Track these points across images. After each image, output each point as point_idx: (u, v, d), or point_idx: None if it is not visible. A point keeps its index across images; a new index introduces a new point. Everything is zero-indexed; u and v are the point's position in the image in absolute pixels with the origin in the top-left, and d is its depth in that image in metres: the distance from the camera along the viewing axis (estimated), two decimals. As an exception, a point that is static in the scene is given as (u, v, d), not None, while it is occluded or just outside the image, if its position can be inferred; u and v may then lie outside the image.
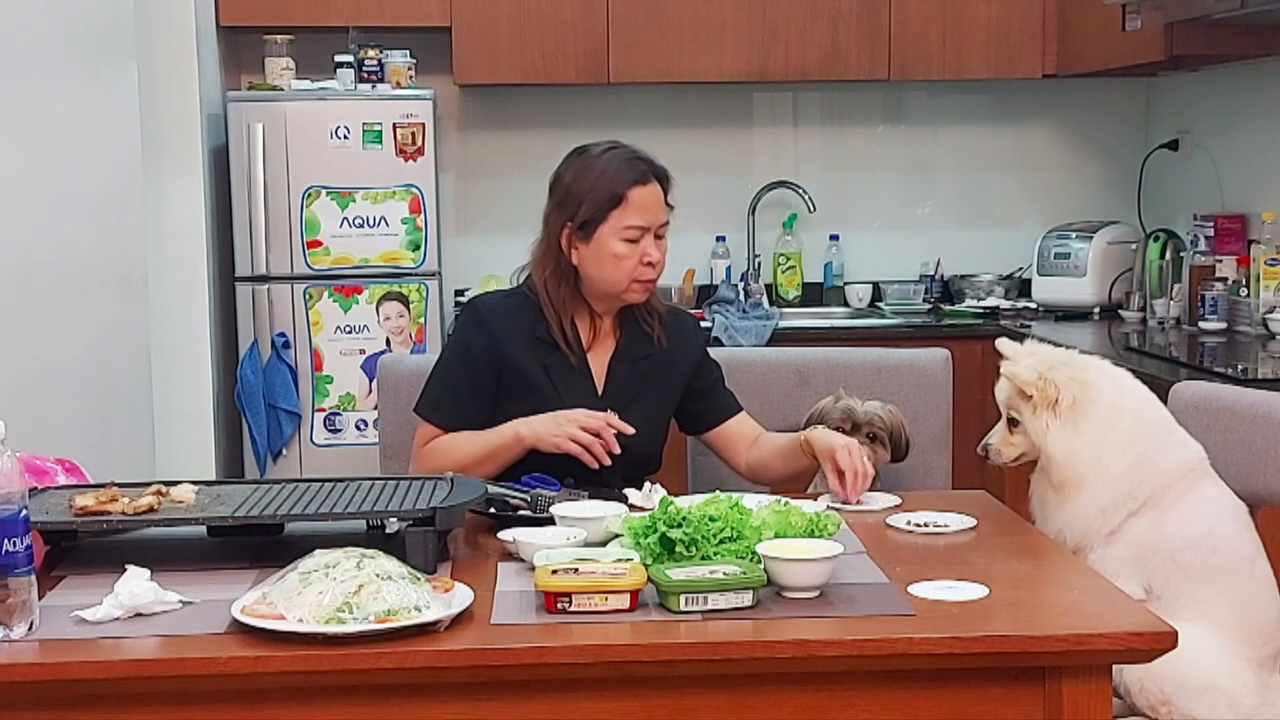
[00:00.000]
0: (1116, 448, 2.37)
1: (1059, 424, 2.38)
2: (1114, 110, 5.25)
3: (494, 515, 2.31)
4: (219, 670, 1.72)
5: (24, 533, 1.76)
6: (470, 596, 1.86)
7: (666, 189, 2.71)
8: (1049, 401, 2.39)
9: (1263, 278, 4.17)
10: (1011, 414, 2.47)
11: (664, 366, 2.77)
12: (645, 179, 2.67)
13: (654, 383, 2.76)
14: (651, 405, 2.75)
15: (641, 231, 2.65)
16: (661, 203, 2.69)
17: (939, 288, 5.14)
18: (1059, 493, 2.40)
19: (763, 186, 5.16)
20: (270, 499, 2.18)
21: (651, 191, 2.67)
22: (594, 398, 2.69)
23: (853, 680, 1.80)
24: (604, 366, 2.74)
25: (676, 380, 2.79)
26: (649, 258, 2.66)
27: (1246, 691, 2.29)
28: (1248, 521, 2.42)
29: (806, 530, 2.04)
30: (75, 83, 3.53)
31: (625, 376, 2.73)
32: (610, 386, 2.72)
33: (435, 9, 4.75)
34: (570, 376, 2.69)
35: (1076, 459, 2.37)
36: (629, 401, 2.70)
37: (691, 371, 2.81)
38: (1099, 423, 2.38)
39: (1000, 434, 2.51)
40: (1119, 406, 2.41)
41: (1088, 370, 2.44)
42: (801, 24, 4.80)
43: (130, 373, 3.89)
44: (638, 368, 2.75)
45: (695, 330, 2.90)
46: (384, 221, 4.59)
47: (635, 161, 2.69)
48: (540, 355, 2.69)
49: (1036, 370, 2.41)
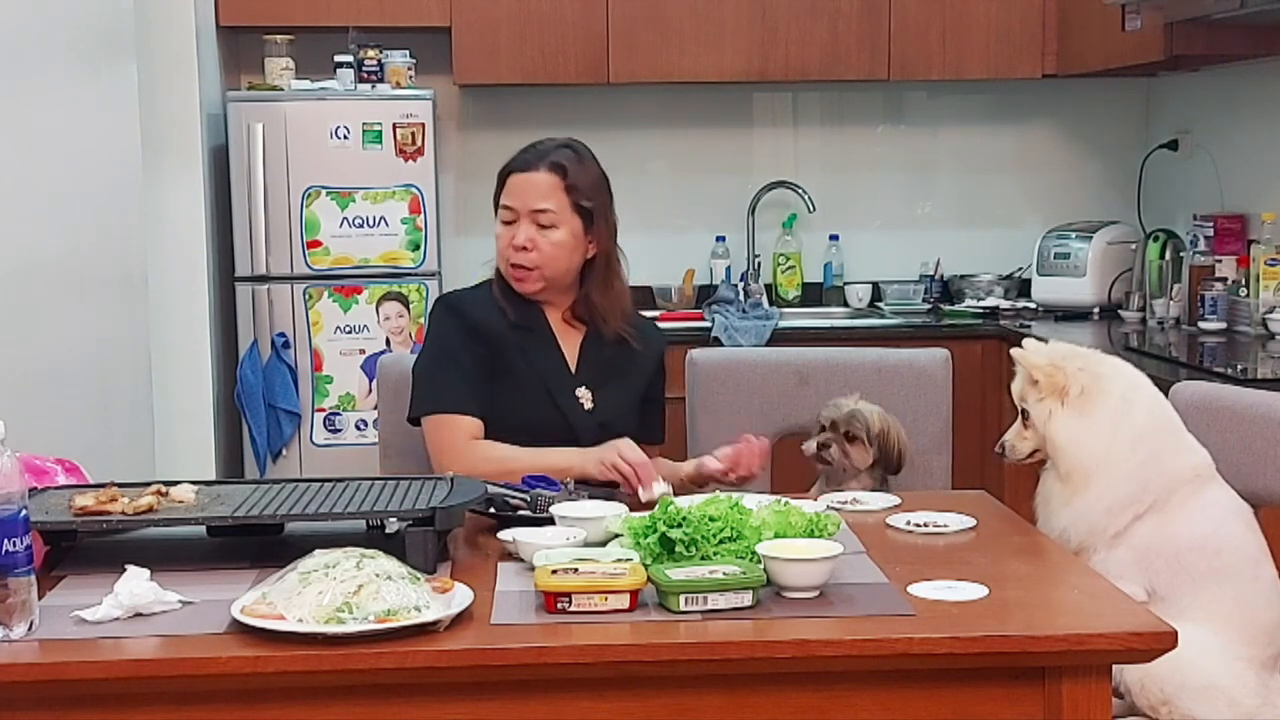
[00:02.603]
0: (1126, 443, 2.37)
1: (1065, 412, 2.39)
2: (1114, 110, 5.25)
3: (494, 515, 2.31)
4: (219, 670, 1.72)
5: (24, 533, 1.76)
6: (470, 596, 1.86)
7: (566, 181, 2.69)
8: (1056, 389, 2.40)
9: (1262, 278, 4.17)
10: (1023, 406, 2.47)
11: (633, 357, 2.81)
12: (528, 166, 2.70)
13: (625, 372, 2.80)
14: (622, 390, 2.78)
15: (513, 214, 2.69)
16: (541, 191, 2.68)
17: (939, 288, 5.14)
18: (1066, 484, 2.40)
19: (762, 186, 5.16)
20: (270, 499, 2.18)
21: (531, 178, 2.69)
22: (567, 375, 2.74)
23: (853, 680, 1.80)
24: (575, 348, 2.77)
25: (644, 374, 2.83)
26: (516, 241, 2.67)
27: (1247, 692, 2.29)
28: (1253, 524, 2.42)
29: (806, 530, 2.04)
30: (75, 83, 3.53)
31: (598, 359, 2.77)
32: (583, 365, 2.76)
33: (435, 9, 4.75)
34: (542, 355, 2.73)
35: (1082, 448, 2.37)
36: (602, 382, 2.75)
37: (654, 369, 2.86)
38: (1109, 414, 2.38)
39: (1015, 430, 2.51)
40: (1132, 401, 2.41)
41: (1102, 364, 2.45)
42: (801, 24, 4.80)
43: (130, 373, 3.89)
44: (611, 353, 2.78)
45: (657, 334, 2.95)
46: (384, 221, 4.59)
47: (533, 147, 2.74)
48: (512, 337, 2.72)
49: (1048, 358, 2.42)
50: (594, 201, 2.72)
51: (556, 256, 2.69)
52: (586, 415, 2.73)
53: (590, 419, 2.73)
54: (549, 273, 2.71)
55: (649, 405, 2.85)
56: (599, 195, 2.74)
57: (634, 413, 2.80)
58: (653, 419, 2.86)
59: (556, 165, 2.70)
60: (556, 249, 2.69)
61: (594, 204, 2.71)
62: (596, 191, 2.73)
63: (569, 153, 2.73)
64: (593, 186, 2.73)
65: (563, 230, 2.69)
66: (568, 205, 2.69)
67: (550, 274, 2.71)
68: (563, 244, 2.69)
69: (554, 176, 2.69)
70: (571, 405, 2.73)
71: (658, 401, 2.88)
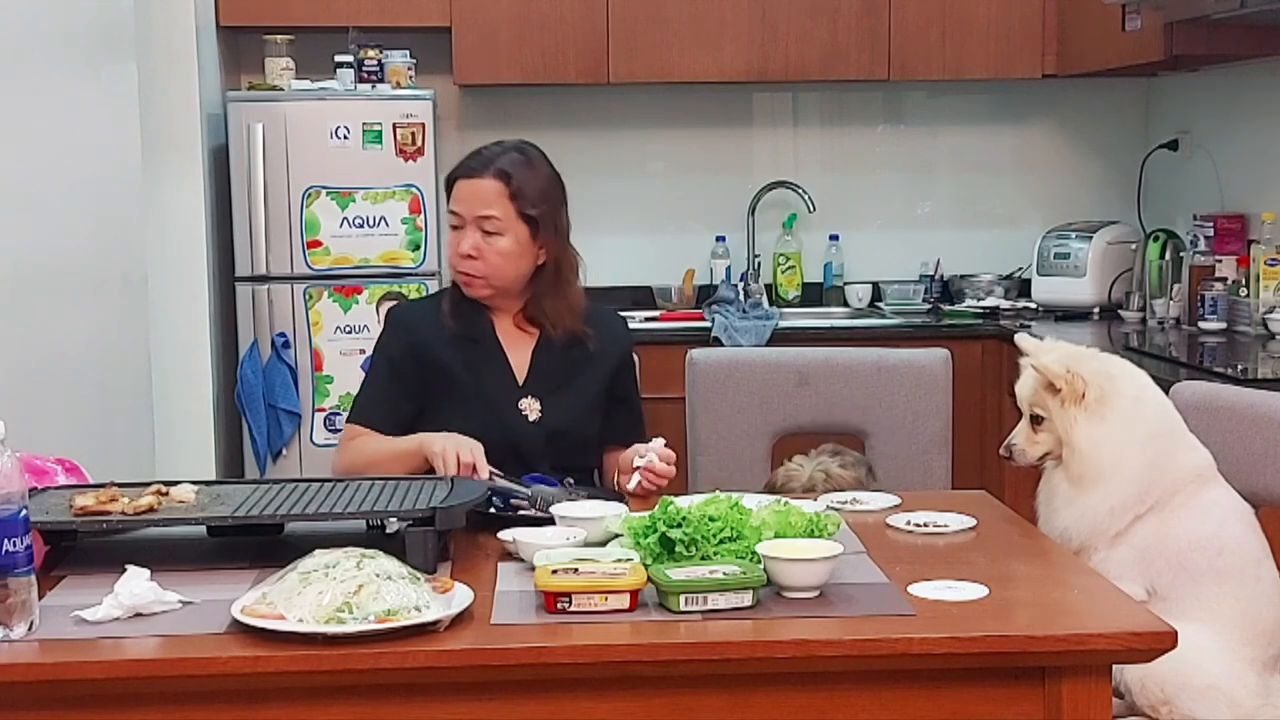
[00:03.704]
0: (1137, 444, 2.37)
1: (1086, 416, 2.38)
2: (1114, 110, 5.25)
3: (494, 515, 2.31)
4: (219, 670, 1.72)
5: (24, 533, 1.76)
6: (470, 596, 1.86)
7: (511, 188, 2.65)
8: (1077, 395, 2.38)
9: (1262, 278, 4.17)
10: (1035, 411, 2.46)
11: (589, 358, 2.77)
12: (472, 172, 2.68)
13: (581, 374, 2.76)
14: (577, 394, 2.75)
15: (459, 220, 2.68)
16: (485, 198, 2.66)
17: (939, 288, 5.14)
18: (1075, 485, 2.39)
19: (763, 186, 5.16)
20: (270, 499, 2.18)
21: (476, 185, 2.67)
22: (514, 388, 2.72)
23: (853, 680, 1.80)
24: (526, 357, 2.74)
25: (601, 373, 2.78)
26: (462, 249, 2.66)
27: (1248, 693, 2.29)
28: (1254, 524, 2.42)
29: (806, 530, 2.04)
30: (75, 83, 3.52)
31: (549, 366, 2.74)
32: (532, 376, 2.73)
33: (435, 9, 4.75)
34: (487, 368, 2.71)
35: (1101, 452, 2.37)
36: (552, 390, 2.72)
37: (615, 369, 2.81)
38: (1124, 416, 2.38)
39: (1024, 433, 2.49)
40: (1144, 401, 2.41)
41: (1110, 364, 2.45)
42: (801, 24, 4.80)
43: (130, 373, 3.88)
44: (564, 357, 2.75)
45: (623, 329, 2.91)
46: (384, 221, 4.58)
47: (480, 153, 2.71)
48: (458, 351, 2.71)
49: (1063, 362, 2.41)
50: (540, 208, 2.67)
51: (502, 265, 2.67)
52: (532, 427, 2.69)
53: (537, 430, 2.69)
54: (496, 281, 2.69)
55: (617, 405, 2.81)
56: (546, 201, 2.69)
57: (592, 416, 2.76)
58: (622, 418, 2.81)
59: (502, 172, 2.66)
60: (502, 257, 2.66)
61: (540, 211, 2.67)
62: (544, 198, 2.69)
63: (517, 158, 2.69)
64: (540, 193, 2.68)
65: (508, 238, 2.66)
66: (513, 213, 2.66)
67: (497, 282, 2.69)
68: (508, 252, 2.66)
69: (499, 184, 2.65)
70: (514, 418, 2.69)
71: (626, 400, 2.83)
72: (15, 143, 3.13)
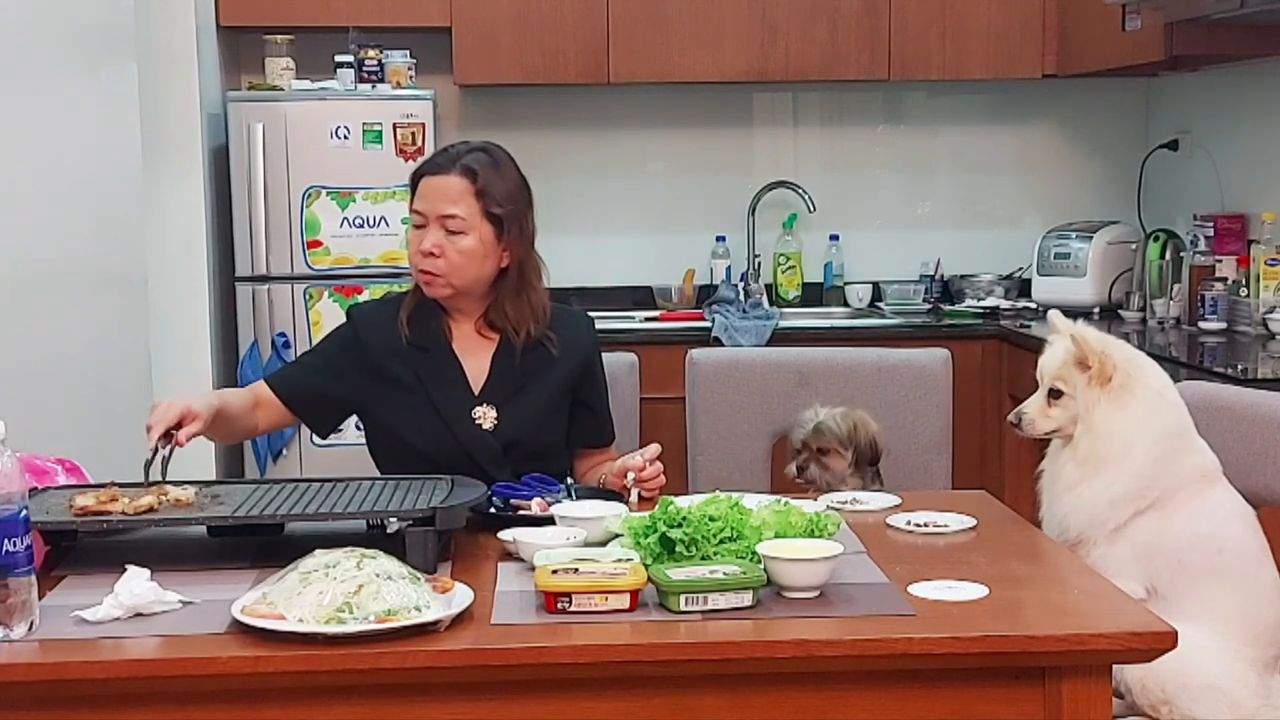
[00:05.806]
0: (1150, 437, 2.38)
1: (1109, 399, 2.39)
2: (1114, 110, 5.25)
3: (495, 515, 2.31)
4: (219, 670, 1.72)
5: (24, 533, 1.76)
6: (470, 596, 1.86)
7: (477, 186, 2.61)
8: (1105, 376, 2.39)
9: (1263, 278, 4.17)
10: (1057, 384, 2.46)
11: (550, 363, 2.70)
12: (438, 169, 2.63)
13: (541, 379, 2.69)
14: (536, 398, 2.68)
15: (422, 218, 2.63)
16: (450, 196, 2.60)
17: (939, 288, 5.14)
18: (1081, 466, 2.40)
19: (763, 186, 5.16)
20: (270, 499, 2.18)
21: (441, 182, 2.62)
22: (468, 396, 2.66)
23: (853, 680, 1.80)
24: (486, 364, 2.69)
25: (564, 375, 2.72)
26: (423, 246, 2.61)
27: (1248, 693, 2.29)
28: (1255, 525, 2.42)
29: (806, 530, 2.04)
30: (75, 83, 3.53)
31: (508, 372, 2.68)
32: (491, 383, 2.67)
33: (435, 9, 4.75)
34: (441, 377, 2.66)
35: (1114, 437, 2.38)
36: (509, 396, 2.66)
37: (578, 372, 2.74)
38: (1144, 407, 2.39)
39: (1037, 405, 2.49)
40: (1164, 398, 2.43)
41: (1139, 357, 2.47)
42: (801, 24, 4.80)
43: (130, 373, 3.88)
44: (525, 362, 2.68)
45: (588, 330, 2.82)
46: (384, 221, 4.58)
47: (447, 150, 2.68)
48: (411, 359, 2.66)
49: (1101, 343, 2.42)
50: (507, 209, 2.62)
51: (464, 265, 2.61)
52: (486, 435, 2.64)
53: (491, 439, 2.63)
54: (456, 281, 2.62)
55: (580, 409, 2.75)
56: (513, 202, 2.64)
57: (553, 422, 2.71)
58: (586, 423, 2.76)
59: (468, 170, 2.61)
60: (464, 257, 2.60)
61: (506, 211, 2.62)
62: (511, 199, 2.64)
63: (484, 157, 2.64)
64: (507, 194, 2.63)
65: (471, 237, 2.60)
66: (478, 211, 2.61)
67: (458, 282, 2.62)
68: (471, 252, 2.61)
69: (465, 181, 2.61)
70: (467, 428, 2.64)
71: (588, 403, 2.76)
72: (15, 142, 3.13)
